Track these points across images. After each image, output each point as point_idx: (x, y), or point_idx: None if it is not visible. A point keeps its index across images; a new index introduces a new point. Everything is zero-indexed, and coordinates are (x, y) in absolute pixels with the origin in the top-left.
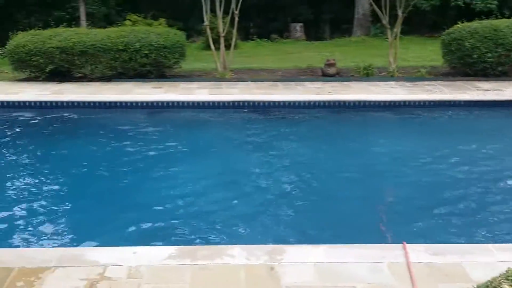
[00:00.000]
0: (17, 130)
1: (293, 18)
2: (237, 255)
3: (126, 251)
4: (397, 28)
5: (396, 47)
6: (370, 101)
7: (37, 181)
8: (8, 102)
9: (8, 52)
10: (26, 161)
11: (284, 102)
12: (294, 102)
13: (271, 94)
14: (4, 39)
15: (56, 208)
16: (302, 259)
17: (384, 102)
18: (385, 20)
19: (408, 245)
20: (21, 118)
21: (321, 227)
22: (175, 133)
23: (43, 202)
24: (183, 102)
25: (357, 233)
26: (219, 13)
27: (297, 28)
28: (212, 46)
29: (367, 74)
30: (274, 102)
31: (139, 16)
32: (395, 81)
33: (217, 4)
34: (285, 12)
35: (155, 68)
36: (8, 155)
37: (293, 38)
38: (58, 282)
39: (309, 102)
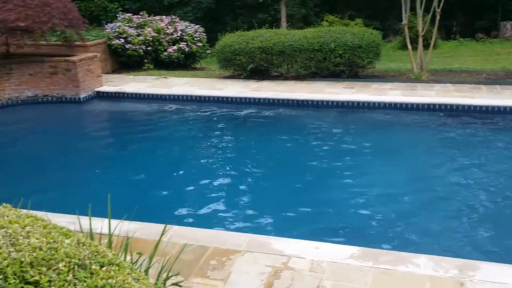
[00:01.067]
0: (221, 123)
1: (504, 15)
2: (422, 265)
3: (309, 245)
4: None
5: None
6: None
7: (233, 171)
8: (214, 97)
9: (216, 51)
10: (226, 152)
11: (487, 107)
12: (499, 107)
13: (472, 97)
14: (213, 40)
15: (248, 196)
16: (500, 279)
17: None
18: None
19: None
20: (225, 112)
21: None
22: (364, 133)
23: (236, 189)
24: (374, 103)
25: None
26: (419, 12)
27: (508, 27)
28: (409, 46)
29: None
30: (475, 106)
31: (336, 17)
32: None
33: (418, 2)
34: (495, 9)
35: (348, 68)
36: (210, 144)
37: (502, 38)
38: (246, 265)
39: None
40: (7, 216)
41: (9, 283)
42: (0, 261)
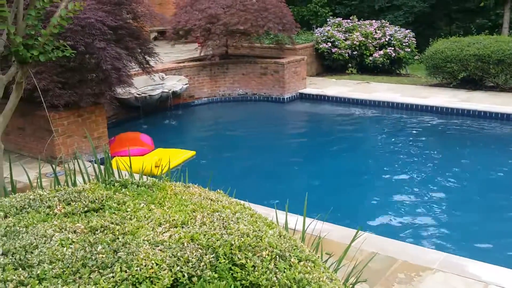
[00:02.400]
0: (422, 132)
1: None
2: None
3: (511, 274)
4: None
5: None
6: None
7: (430, 184)
8: (417, 106)
9: (425, 57)
10: (424, 163)
11: None
12: None
13: None
14: (422, 45)
15: (444, 211)
16: None
17: None
18: None
19: None
20: (428, 122)
21: None
22: None
23: (432, 203)
24: None
25: None
26: None
27: None
28: None
29: None
30: None
31: None
32: None
33: None
34: None
35: None
36: (409, 154)
37: None
38: (436, 285)
39: None
40: (221, 201)
41: (220, 262)
42: (214, 241)
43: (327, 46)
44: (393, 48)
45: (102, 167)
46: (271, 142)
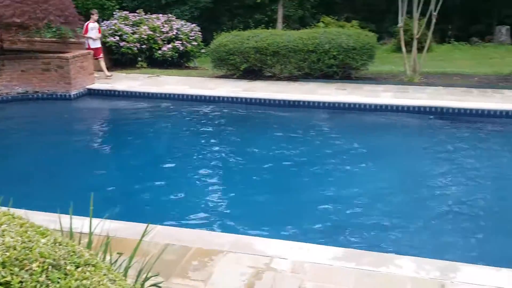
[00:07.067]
0: (211, 122)
1: (500, 20)
2: (404, 266)
3: (293, 246)
4: None
5: None
6: None
7: (219, 170)
8: (205, 97)
9: (210, 51)
10: (214, 151)
11: (477, 110)
12: (489, 110)
13: (463, 101)
14: (209, 39)
15: (232, 195)
16: (480, 281)
17: None
18: None
19: None
20: (215, 112)
21: (504, 249)
22: (353, 135)
23: (220, 188)
24: (365, 105)
25: None
26: (416, 15)
27: (503, 31)
28: (404, 49)
29: None
30: (465, 109)
31: (333, 19)
32: None
33: (415, 5)
34: (491, 14)
35: (341, 69)
36: (199, 143)
37: (496, 42)
38: (228, 265)
39: (508, 111)
40: None
41: None
42: None
43: (114, 39)
44: (180, 42)
45: None
46: (54, 143)
